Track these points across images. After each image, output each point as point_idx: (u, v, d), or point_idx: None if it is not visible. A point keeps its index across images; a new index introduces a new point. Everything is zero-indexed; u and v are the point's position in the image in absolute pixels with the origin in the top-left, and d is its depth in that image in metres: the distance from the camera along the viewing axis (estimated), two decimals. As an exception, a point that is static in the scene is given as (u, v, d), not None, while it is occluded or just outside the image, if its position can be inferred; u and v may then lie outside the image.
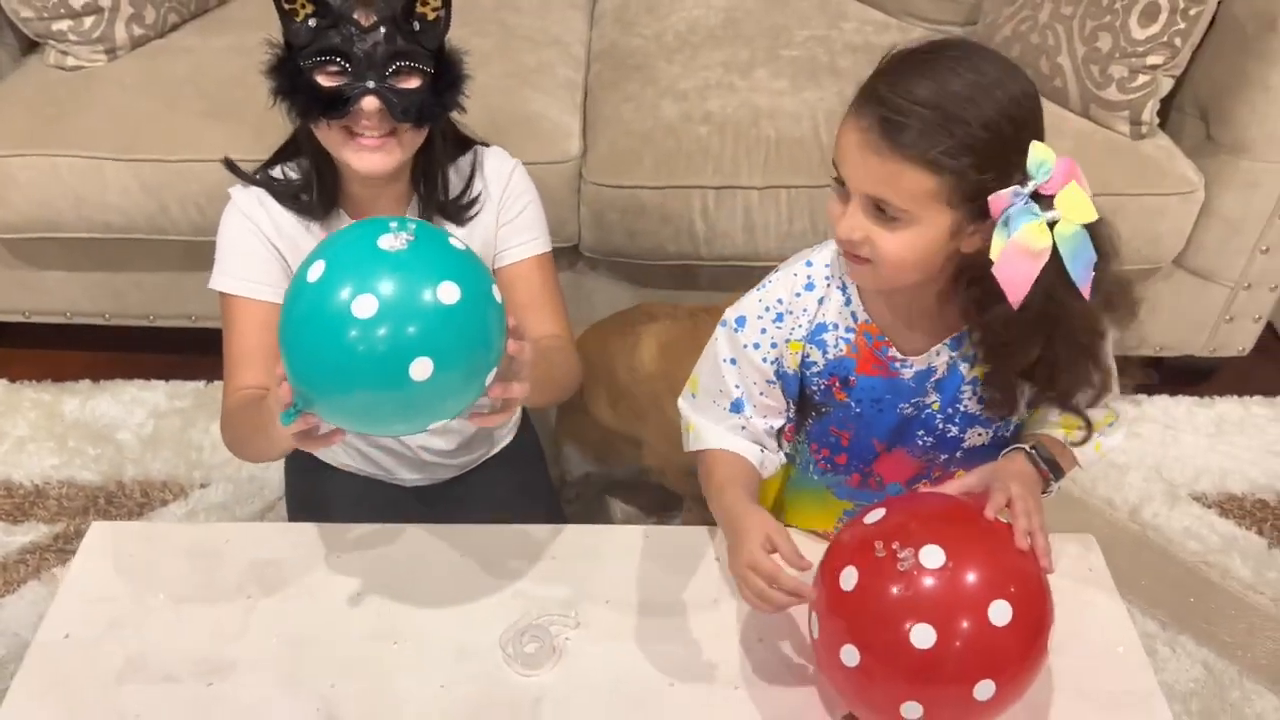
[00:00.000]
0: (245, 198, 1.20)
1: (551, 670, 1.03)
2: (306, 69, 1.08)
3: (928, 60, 0.89)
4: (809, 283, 1.07)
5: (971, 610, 0.87)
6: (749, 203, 1.78)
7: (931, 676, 0.87)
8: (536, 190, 1.29)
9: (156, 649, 1.04)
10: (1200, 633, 1.65)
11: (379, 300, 0.83)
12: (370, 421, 0.92)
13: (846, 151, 0.91)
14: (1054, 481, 1.03)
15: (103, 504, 1.80)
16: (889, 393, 1.07)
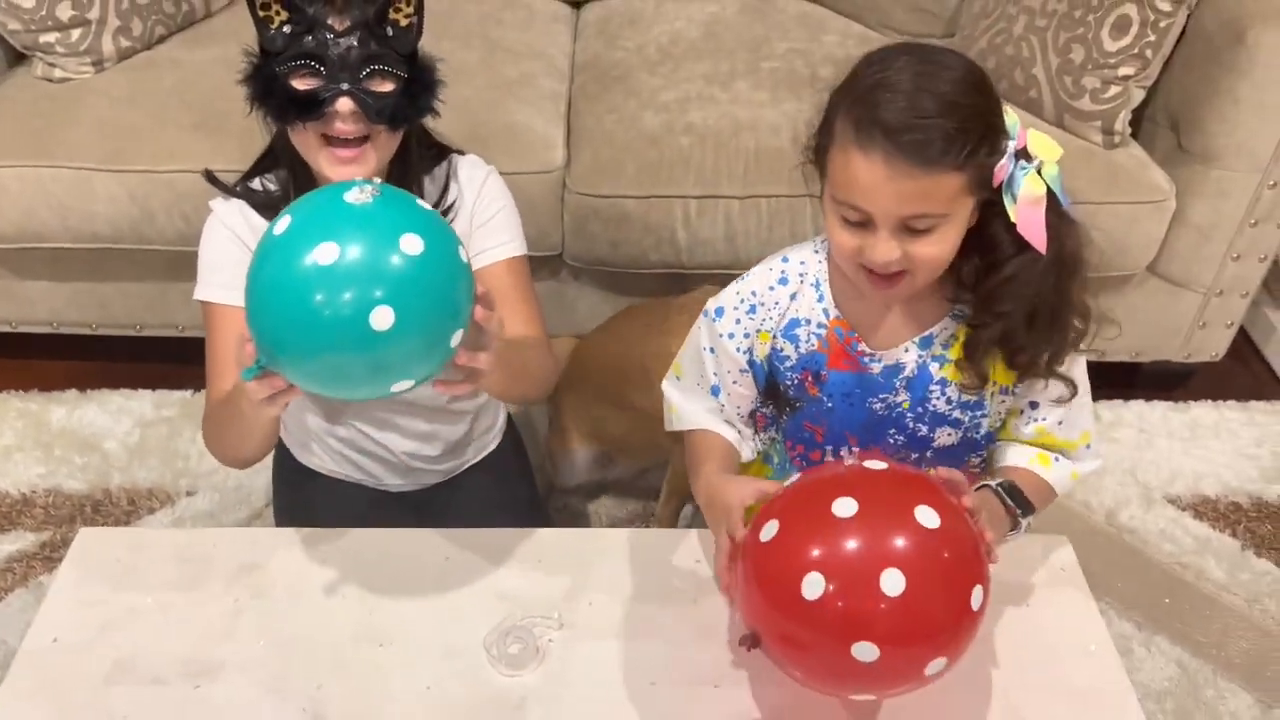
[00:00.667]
0: (226, 209, 1.22)
1: (535, 671, 1.04)
2: (281, 74, 1.09)
3: (906, 73, 0.92)
4: (783, 277, 1.11)
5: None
6: (730, 212, 1.81)
7: (842, 548, 0.84)
8: (511, 196, 1.31)
9: (144, 652, 1.05)
10: (1175, 633, 1.67)
11: (340, 247, 0.82)
12: (333, 378, 0.89)
13: (869, 183, 0.92)
14: (1022, 518, 1.06)
15: (89, 512, 1.81)
16: (859, 387, 1.10)
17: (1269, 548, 1.81)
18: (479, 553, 1.15)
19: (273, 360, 0.87)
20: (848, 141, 0.93)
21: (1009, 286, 0.99)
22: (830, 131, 0.96)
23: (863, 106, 0.92)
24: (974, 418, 1.11)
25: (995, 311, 1.01)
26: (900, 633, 0.83)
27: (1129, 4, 1.75)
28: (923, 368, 1.08)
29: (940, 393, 1.09)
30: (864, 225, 0.95)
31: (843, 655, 0.83)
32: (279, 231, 0.87)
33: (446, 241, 0.89)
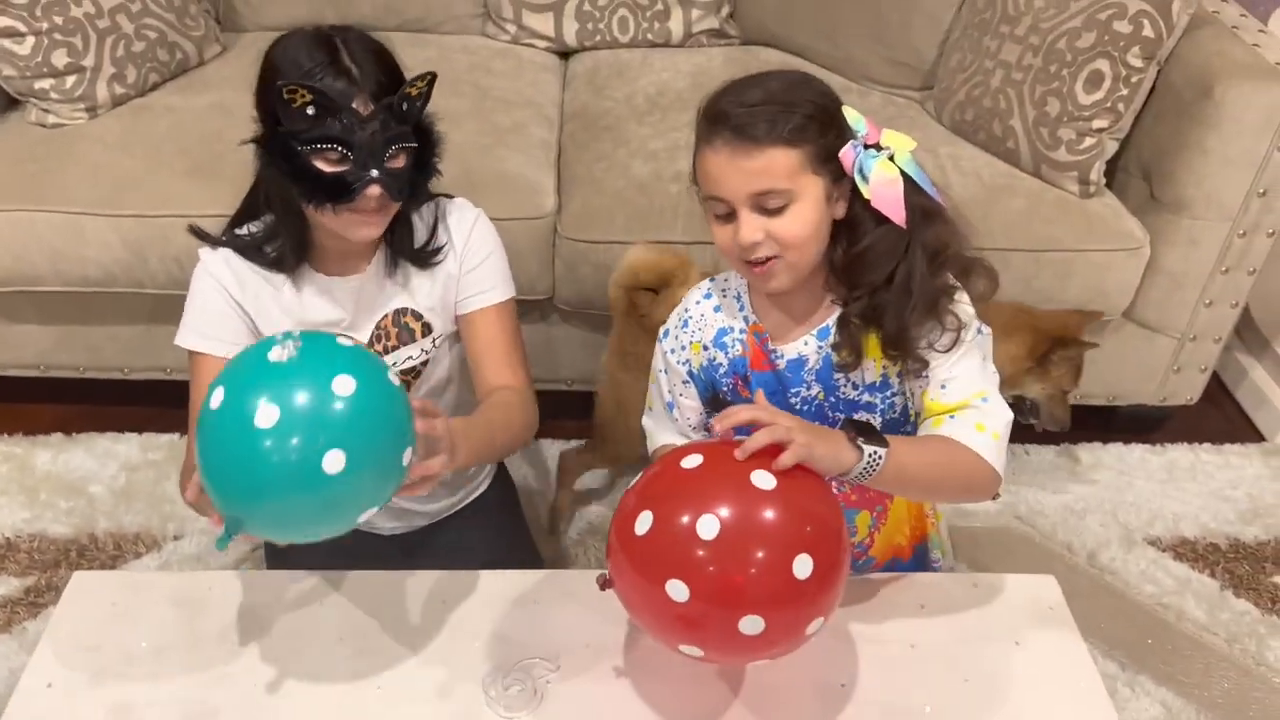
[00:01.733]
0: (213, 259, 1.23)
1: (533, 713, 1.04)
2: (304, 153, 1.10)
3: (741, 82, 1.06)
4: (708, 293, 1.22)
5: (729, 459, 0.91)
6: (716, 258, 1.81)
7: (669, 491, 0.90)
8: (499, 238, 1.33)
9: (140, 697, 1.04)
10: (1158, 673, 1.69)
11: (279, 406, 0.86)
12: (302, 527, 0.93)
13: (717, 171, 1.04)
14: (865, 445, 0.98)
15: (75, 557, 1.79)
16: (778, 385, 1.17)
17: (1247, 588, 1.84)
18: (476, 594, 1.16)
19: (239, 526, 0.90)
20: (700, 143, 1.06)
21: (867, 255, 1.07)
22: (694, 147, 1.08)
23: (706, 111, 1.06)
24: (886, 398, 1.15)
25: (860, 282, 1.08)
26: (710, 578, 0.87)
27: (1102, 60, 1.82)
28: (825, 358, 1.14)
29: (845, 379, 1.15)
30: (730, 216, 1.06)
31: (658, 592, 0.88)
32: (215, 405, 0.89)
33: (376, 371, 0.93)
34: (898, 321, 1.07)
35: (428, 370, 1.33)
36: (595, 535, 1.89)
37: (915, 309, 1.07)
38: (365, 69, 1.11)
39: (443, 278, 1.29)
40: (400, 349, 1.30)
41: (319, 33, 1.13)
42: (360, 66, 1.11)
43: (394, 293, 1.29)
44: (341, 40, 1.12)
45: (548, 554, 1.79)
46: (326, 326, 1.26)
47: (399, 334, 1.30)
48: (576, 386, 2.06)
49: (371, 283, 1.27)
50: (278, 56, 1.13)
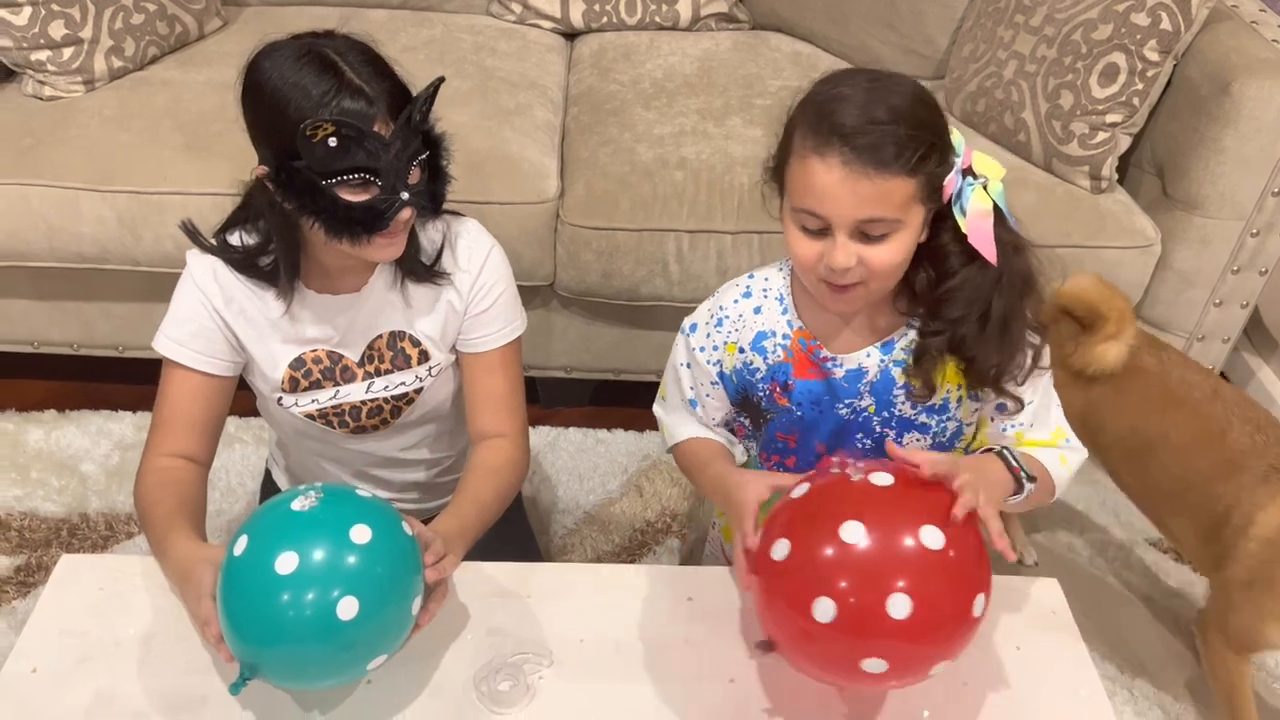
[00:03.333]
0: (200, 267, 1.16)
1: (525, 709, 1.03)
2: (329, 187, 1.03)
3: (859, 88, 0.97)
4: (747, 291, 1.16)
5: (904, 524, 0.89)
6: (722, 246, 1.81)
7: (851, 573, 0.88)
8: (510, 270, 1.26)
9: (126, 685, 1.03)
10: (1157, 678, 1.67)
11: (298, 554, 0.91)
12: (314, 672, 0.96)
13: (826, 189, 0.96)
14: (1027, 482, 1.03)
15: (65, 536, 1.77)
16: (826, 394, 1.13)
17: (1249, 592, 1.82)
18: (468, 587, 1.14)
19: (254, 671, 0.93)
20: (806, 150, 0.97)
21: (958, 293, 1.03)
22: (789, 146, 1.00)
23: (819, 116, 0.96)
24: (941, 421, 1.13)
25: (944, 318, 1.04)
26: (907, 650, 0.89)
27: (1117, 53, 1.79)
28: (885, 372, 1.11)
29: (904, 397, 1.11)
30: (822, 233, 0.99)
31: (853, 668, 0.90)
32: (239, 552, 0.93)
33: (391, 522, 0.97)
34: (993, 363, 1.05)
35: (422, 397, 1.28)
36: (591, 525, 1.88)
37: (1009, 350, 1.04)
38: (374, 85, 1.03)
39: (445, 309, 1.22)
40: (394, 373, 1.25)
41: (313, 51, 1.03)
42: (369, 84, 1.03)
43: (392, 314, 1.22)
44: (338, 54, 1.03)
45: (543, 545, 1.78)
46: (315, 343, 1.22)
47: (394, 358, 1.24)
48: (575, 374, 2.04)
49: (368, 302, 1.21)
50: (276, 82, 1.02)
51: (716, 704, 1.04)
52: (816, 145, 0.95)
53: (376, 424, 1.28)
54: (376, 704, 1.03)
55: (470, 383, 1.27)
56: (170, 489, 1.15)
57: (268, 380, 1.23)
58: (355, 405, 1.25)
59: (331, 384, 1.24)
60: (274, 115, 1.03)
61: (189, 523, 1.11)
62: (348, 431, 1.28)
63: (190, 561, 1.03)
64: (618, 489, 1.94)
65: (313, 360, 1.22)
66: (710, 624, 1.11)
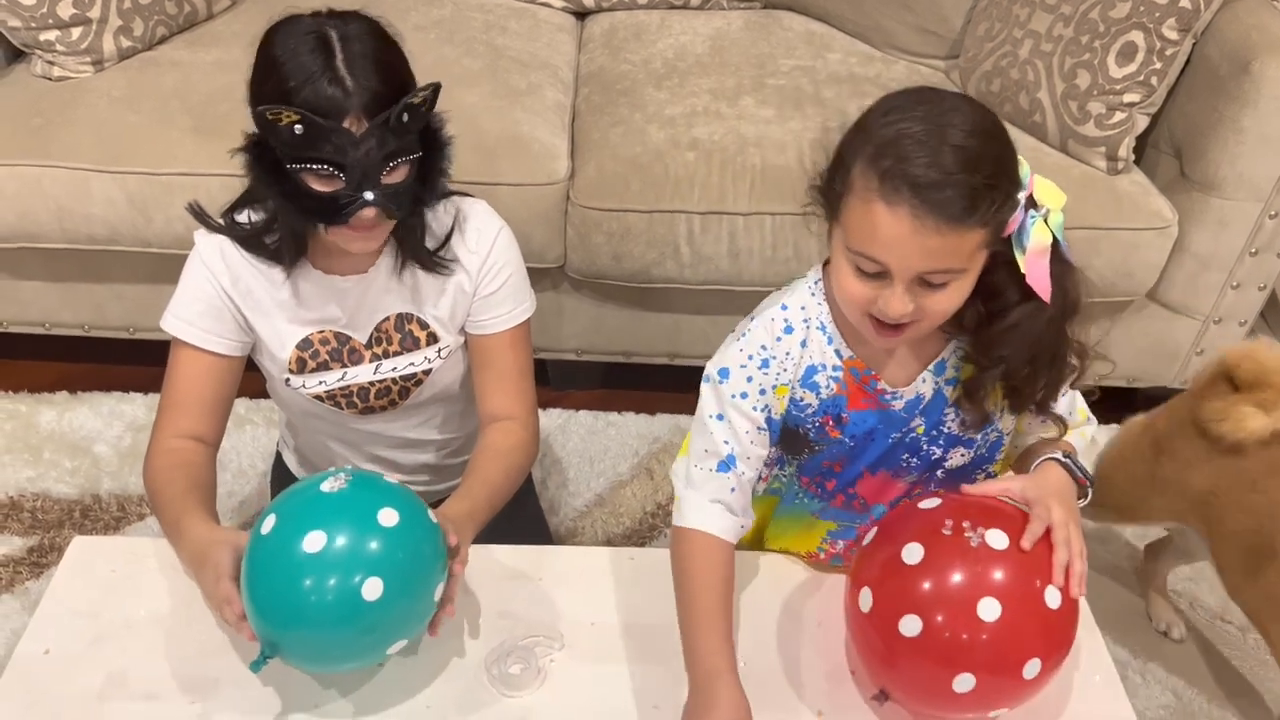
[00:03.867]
0: (208, 246, 1.16)
1: (536, 692, 1.03)
2: (294, 171, 1.03)
3: (924, 124, 0.90)
4: (787, 326, 1.07)
5: (1031, 591, 0.93)
6: (734, 228, 1.80)
7: (991, 649, 0.92)
8: (519, 252, 1.25)
9: (139, 667, 1.03)
10: (1170, 661, 1.67)
11: (325, 534, 0.92)
12: (335, 654, 0.97)
13: (891, 238, 0.90)
14: (1091, 486, 1.06)
15: (78, 518, 1.78)
16: (881, 424, 1.09)
17: (1263, 576, 1.81)
18: (480, 570, 1.13)
19: (275, 650, 0.94)
20: (871, 194, 0.90)
21: (1013, 333, 0.98)
22: (846, 180, 0.93)
23: (886, 159, 0.89)
24: (985, 435, 1.11)
25: (996, 355, 1.01)
26: (1028, 696, 0.97)
27: (1136, 31, 1.76)
28: (938, 393, 1.08)
29: (955, 415, 1.09)
30: (879, 276, 0.93)
31: (946, 687, 0.94)
32: (266, 531, 0.95)
33: (418, 508, 0.99)
34: (1040, 393, 1.03)
35: (431, 379, 1.27)
36: (602, 508, 1.87)
37: (1056, 380, 1.02)
38: (361, 79, 1.01)
39: (454, 291, 1.21)
40: (402, 355, 1.24)
41: (318, 31, 1.02)
42: (356, 76, 1.01)
43: (400, 296, 1.21)
44: (340, 39, 1.02)
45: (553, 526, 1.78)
46: (322, 324, 1.21)
47: (402, 340, 1.23)
48: (586, 357, 2.03)
49: (376, 284, 1.20)
50: (273, 52, 1.02)
51: None
52: (883, 192, 0.89)
53: (385, 405, 1.28)
54: (389, 687, 1.03)
55: (479, 365, 1.26)
56: (181, 471, 1.15)
57: (275, 361, 1.23)
58: (363, 386, 1.25)
59: (339, 365, 1.23)
60: (258, 85, 1.04)
61: (201, 505, 1.11)
62: (356, 412, 1.28)
63: (206, 544, 1.03)
64: (628, 472, 1.94)
65: (320, 341, 1.22)
66: None
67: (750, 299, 1.12)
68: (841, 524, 1.18)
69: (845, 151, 0.95)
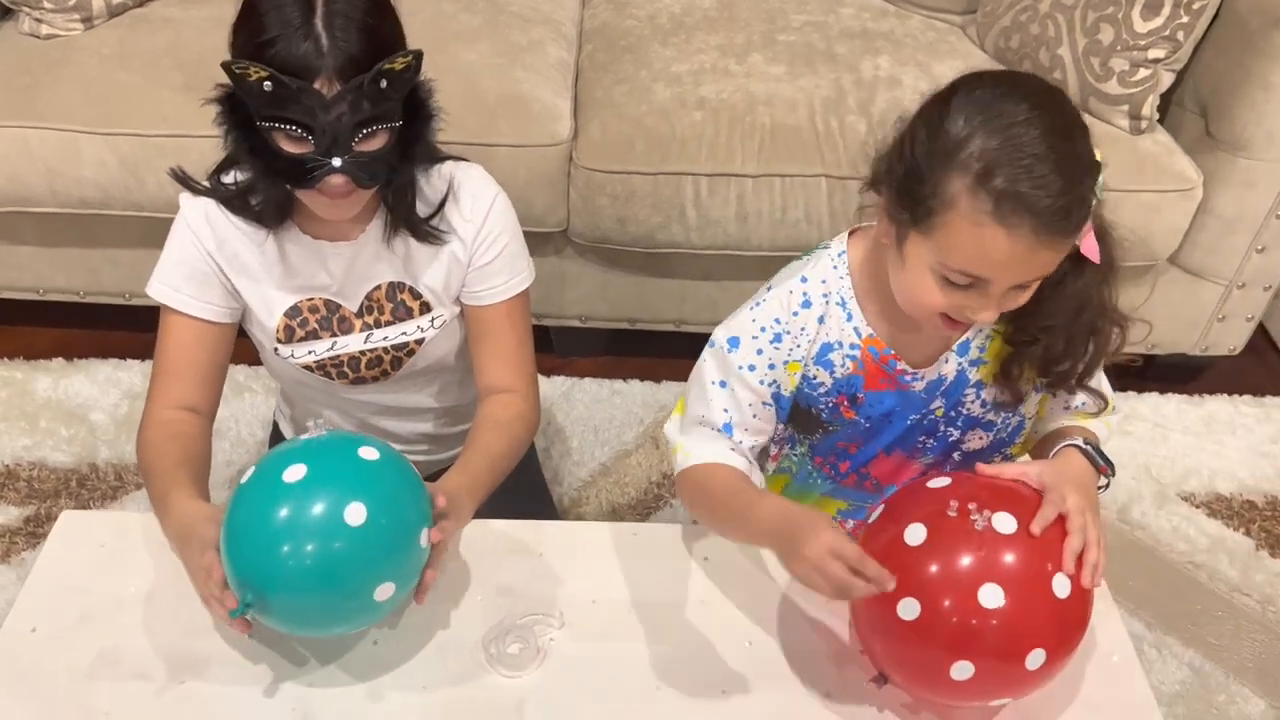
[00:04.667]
0: (192, 210, 1.13)
1: (535, 672, 1.00)
2: (265, 129, 0.99)
3: (1033, 131, 0.83)
4: (805, 300, 1.02)
5: (1038, 578, 0.89)
6: (743, 190, 1.75)
7: (992, 637, 0.88)
8: (516, 220, 1.20)
9: (128, 644, 1.01)
10: (1187, 634, 1.64)
11: (306, 466, 0.92)
12: (318, 596, 0.93)
13: (1006, 258, 0.86)
14: (1111, 475, 1.01)
15: (75, 487, 1.76)
16: (899, 405, 1.05)
17: (1284, 548, 1.78)
18: (478, 545, 1.11)
19: (258, 597, 0.91)
20: (983, 216, 0.84)
21: (1056, 301, 0.94)
22: (942, 197, 0.86)
23: (997, 178, 0.83)
24: (1007, 418, 1.07)
25: (1038, 328, 0.97)
26: (1032, 687, 0.92)
27: (1162, -17, 1.69)
28: (961, 374, 1.04)
29: (975, 396, 1.05)
30: (970, 287, 0.89)
31: (943, 674, 0.90)
32: (246, 479, 0.94)
33: (398, 454, 0.98)
34: (1081, 366, 0.99)
35: (424, 349, 1.24)
36: (606, 477, 1.85)
37: (1098, 351, 0.98)
38: (339, 39, 0.96)
39: (448, 260, 1.17)
40: (394, 324, 1.21)
41: None
42: (334, 36, 0.96)
43: (391, 265, 1.18)
44: None
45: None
46: (311, 291, 1.18)
47: (394, 309, 1.20)
48: (590, 323, 2.00)
49: (366, 251, 1.16)
50: (259, 2, 0.99)
51: (734, 668, 1.01)
52: (1000, 216, 0.83)
53: (377, 375, 1.25)
54: (382, 666, 1.00)
55: (476, 337, 1.23)
56: (173, 443, 1.13)
57: (264, 329, 1.20)
58: (354, 356, 1.22)
59: (329, 334, 1.21)
60: (235, 34, 1.01)
61: (191, 480, 1.09)
62: (347, 382, 1.25)
63: (192, 521, 1.01)
64: (633, 441, 1.91)
65: (309, 309, 1.19)
66: (727, 585, 1.07)
67: (759, 264, 1.08)
68: (853, 504, 1.15)
69: (927, 162, 0.87)
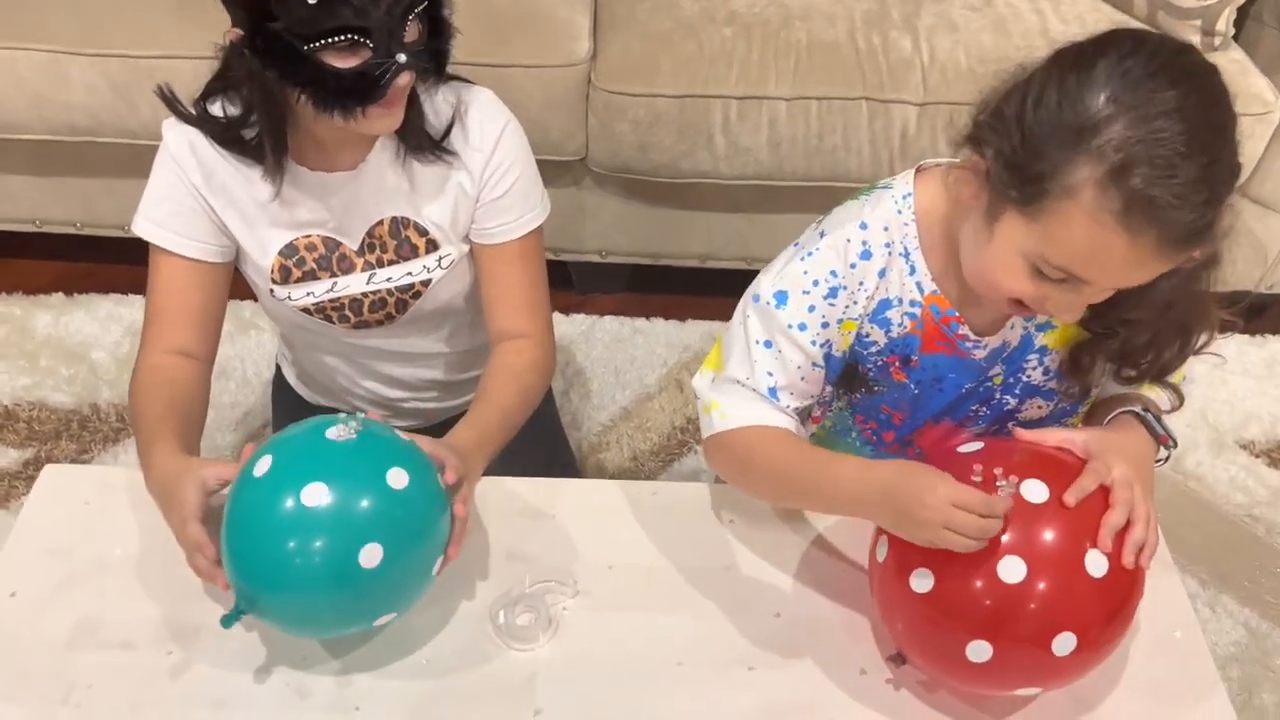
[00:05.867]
0: (176, 139, 1.06)
1: (546, 645, 0.95)
2: (311, 51, 0.92)
3: (1170, 123, 0.72)
4: (865, 250, 0.92)
5: (1068, 554, 0.81)
6: (775, 115, 1.67)
7: (1012, 616, 0.81)
8: (529, 149, 1.14)
9: (112, 611, 0.96)
10: (1243, 593, 1.58)
11: (328, 487, 0.84)
12: (318, 620, 0.90)
13: (1122, 266, 0.76)
14: (1174, 446, 0.92)
15: (75, 428, 1.73)
16: (953, 371, 0.96)
17: (1348, 500, 1.70)
18: (487, 504, 1.05)
19: (252, 605, 0.87)
20: (1106, 215, 0.73)
21: (1147, 290, 0.81)
22: (1062, 182, 0.75)
23: (1134, 177, 0.72)
24: (1070, 387, 0.97)
25: (1123, 318, 0.86)
26: (1066, 678, 0.85)
27: (1246, -119, 1.54)
28: (1026, 339, 0.95)
29: (1038, 362, 0.95)
30: (1063, 282, 0.79)
31: (1001, 692, 0.86)
32: (260, 474, 0.86)
33: (429, 471, 0.91)
34: (1162, 364, 0.90)
35: (431, 291, 1.17)
36: (628, 422, 1.80)
37: (1184, 350, 0.89)
38: None
39: (454, 193, 1.11)
40: (398, 264, 1.14)
41: None
42: None
43: (394, 197, 1.11)
44: None
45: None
46: (308, 228, 1.11)
47: (398, 247, 1.13)
48: (611, 259, 1.94)
49: (368, 182, 1.09)
50: None
51: (760, 641, 0.96)
52: (1127, 219, 0.73)
53: (380, 319, 1.18)
54: (382, 640, 0.95)
55: (486, 278, 1.16)
56: (162, 390, 1.07)
57: (257, 269, 1.13)
58: (355, 298, 1.15)
59: (328, 274, 1.14)
60: None
61: (176, 431, 1.03)
62: (349, 326, 1.18)
63: (173, 477, 0.95)
64: (656, 383, 1.85)
65: (306, 247, 1.12)
66: (754, 550, 1.02)
67: (792, 195, 0.99)
68: None
69: (1052, 135, 0.75)
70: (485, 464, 1.02)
